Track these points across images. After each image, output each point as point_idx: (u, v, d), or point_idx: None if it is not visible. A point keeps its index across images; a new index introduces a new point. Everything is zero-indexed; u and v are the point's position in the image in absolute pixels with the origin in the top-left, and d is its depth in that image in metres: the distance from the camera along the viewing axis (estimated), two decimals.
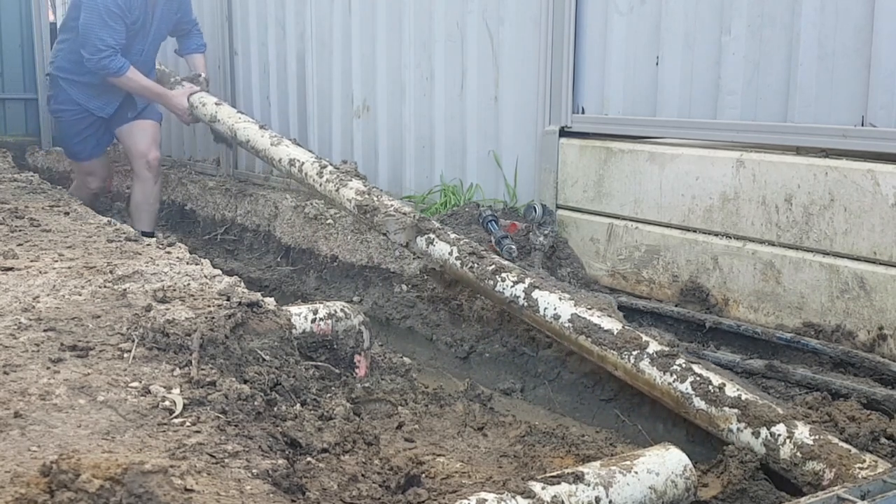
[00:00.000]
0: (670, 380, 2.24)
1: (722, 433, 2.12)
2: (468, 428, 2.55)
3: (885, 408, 2.16)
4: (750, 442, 2.05)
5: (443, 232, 3.11)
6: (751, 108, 2.75)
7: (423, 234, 3.12)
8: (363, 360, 2.67)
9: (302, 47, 4.89)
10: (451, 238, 3.06)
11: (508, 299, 2.76)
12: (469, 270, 2.92)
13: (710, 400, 2.15)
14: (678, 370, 2.24)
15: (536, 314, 2.66)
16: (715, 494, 2.16)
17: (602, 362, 2.48)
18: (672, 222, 2.94)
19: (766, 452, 2.00)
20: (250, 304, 2.35)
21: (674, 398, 2.24)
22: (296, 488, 1.65)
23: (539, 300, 2.65)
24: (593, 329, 2.48)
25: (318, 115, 4.85)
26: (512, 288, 2.75)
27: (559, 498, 1.65)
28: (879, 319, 2.36)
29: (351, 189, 3.39)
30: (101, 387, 1.83)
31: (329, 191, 3.53)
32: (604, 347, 2.43)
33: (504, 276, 2.80)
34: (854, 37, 2.46)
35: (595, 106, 3.28)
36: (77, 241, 3.32)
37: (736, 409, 2.09)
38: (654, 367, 2.29)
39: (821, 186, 2.49)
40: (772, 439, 1.99)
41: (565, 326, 2.56)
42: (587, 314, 2.53)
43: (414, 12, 4.07)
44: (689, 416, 2.22)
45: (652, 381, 2.30)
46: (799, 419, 2.02)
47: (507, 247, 3.20)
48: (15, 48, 8.28)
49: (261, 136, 4.07)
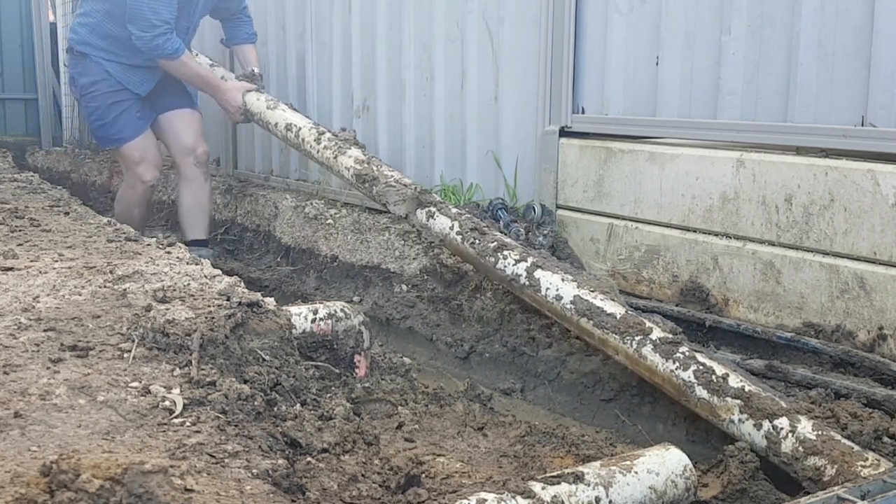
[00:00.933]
0: (672, 367, 2.23)
1: (723, 424, 2.12)
2: (468, 428, 2.55)
3: (886, 408, 2.16)
4: (751, 434, 2.04)
5: (444, 206, 3.07)
6: (751, 108, 2.75)
7: (424, 206, 3.08)
8: (363, 360, 2.67)
9: (302, 47, 4.89)
10: (453, 213, 3.02)
11: (509, 277, 2.74)
12: (470, 246, 2.88)
13: (712, 389, 2.14)
14: (681, 358, 2.23)
15: (538, 294, 2.64)
16: (715, 494, 2.16)
17: (603, 346, 2.47)
18: (672, 222, 2.94)
19: (766, 445, 2.00)
20: (250, 304, 2.35)
21: (675, 386, 2.23)
22: (296, 488, 1.65)
23: (541, 280, 2.64)
24: (595, 312, 2.47)
25: (318, 114, 4.85)
26: (514, 266, 2.73)
27: (559, 498, 1.65)
28: (879, 319, 2.36)
29: (350, 157, 3.36)
30: (101, 387, 1.83)
31: (326, 158, 3.47)
32: (605, 331, 2.42)
33: (506, 254, 2.77)
34: (854, 37, 2.46)
35: (595, 106, 3.28)
36: (77, 241, 3.32)
37: (738, 400, 2.08)
38: (656, 354, 2.28)
39: (821, 186, 2.49)
40: (774, 432, 1.98)
41: (567, 308, 2.54)
42: (590, 297, 2.51)
43: (414, 12, 4.07)
44: (689, 404, 2.21)
45: (654, 367, 2.29)
46: (802, 413, 2.02)
47: (514, 229, 3.22)
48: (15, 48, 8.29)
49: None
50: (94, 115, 4.27)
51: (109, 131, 4.25)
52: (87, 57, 4.18)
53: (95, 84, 4.19)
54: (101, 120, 4.26)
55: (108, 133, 4.27)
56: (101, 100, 4.21)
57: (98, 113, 4.26)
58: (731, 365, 2.30)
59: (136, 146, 4.24)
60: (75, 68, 4.29)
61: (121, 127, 4.22)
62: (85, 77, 4.21)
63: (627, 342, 2.36)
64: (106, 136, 4.31)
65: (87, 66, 4.20)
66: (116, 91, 4.18)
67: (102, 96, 4.20)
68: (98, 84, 4.18)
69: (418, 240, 3.68)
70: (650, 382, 2.36)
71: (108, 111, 4.20)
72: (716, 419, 2.14)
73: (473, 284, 3.33)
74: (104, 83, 4.18)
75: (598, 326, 2.44)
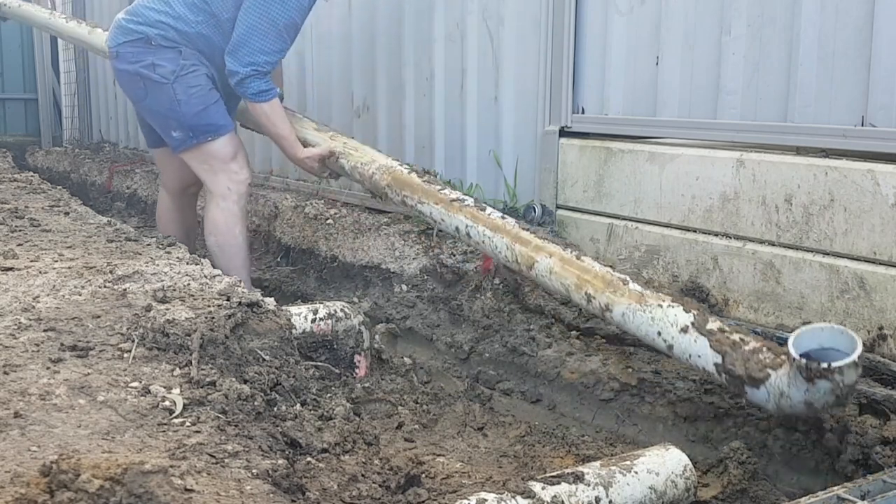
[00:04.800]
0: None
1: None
2: (468, 428, 2.55)
3: (885, 408, 2.16)
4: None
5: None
6: (751, 108, 2.75)
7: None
8: (363, 360, 2.68)
9: (301, 46, 4.89)
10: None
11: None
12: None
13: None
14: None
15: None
16: (715, 494, 2.17)
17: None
18: (672, 222, 2.94)
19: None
20: (250, 304, 2.35)
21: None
22: (296, 488, 1.65)
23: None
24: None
25: (318, 115, 4.85)
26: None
27: (559, 498, 1.65)
28: (879, 319, 2.36)
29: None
30: (101, 387, 1.83)
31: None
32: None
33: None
34: (854, 37, 2.45)
35: (595, 106, 3.28)
36: (77, 241, 3.32)
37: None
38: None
39: (821, 186, 2.49)
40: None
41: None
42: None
43: (414, 12, 4.07)
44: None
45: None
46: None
47: None
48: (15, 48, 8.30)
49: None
50: (195, 97, 3.57)
51: (212, 118, 3.60)
52: (179, 48, 3.57)
53: (194, 66, 3.57)
54: (202, 104, 3.58)
55: (209, 119, 3.59)
56: (201, 80, 3.58)
57: (201, 94, 3.58)
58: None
59: (232, 140, 3.68)
60: (155, 56, 3.55)
61: (221, 114, 3.64)
62: (174, 63, 3.54)
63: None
64: (206, 125, 3.60)
65: (177, 55, 3.56)
66: (209, 77, 3.63)
67: (203, 77, 3.59)
68: (197, 66, 3.58)
69: (418, 240, 3.68)
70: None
71: (209, 95, 3.60)
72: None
73: (473, 284, 3.33)
74: (202, 66, 3.60)
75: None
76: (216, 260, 3.63)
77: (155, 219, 4.54)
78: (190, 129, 3.60)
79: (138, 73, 3.59)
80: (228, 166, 3.65)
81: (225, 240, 3.65)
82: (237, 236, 3.68)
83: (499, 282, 3.27)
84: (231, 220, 3.65)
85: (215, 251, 3.66)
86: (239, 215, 3.67)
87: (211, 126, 3.60)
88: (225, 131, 3.64)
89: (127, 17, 3.66)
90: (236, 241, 3.68)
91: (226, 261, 3.61)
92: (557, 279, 2.48)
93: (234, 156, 3.67)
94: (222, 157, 3.64)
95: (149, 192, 6.01)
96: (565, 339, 2.93)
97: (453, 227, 2.90)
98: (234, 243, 3.67)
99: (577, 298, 2.43)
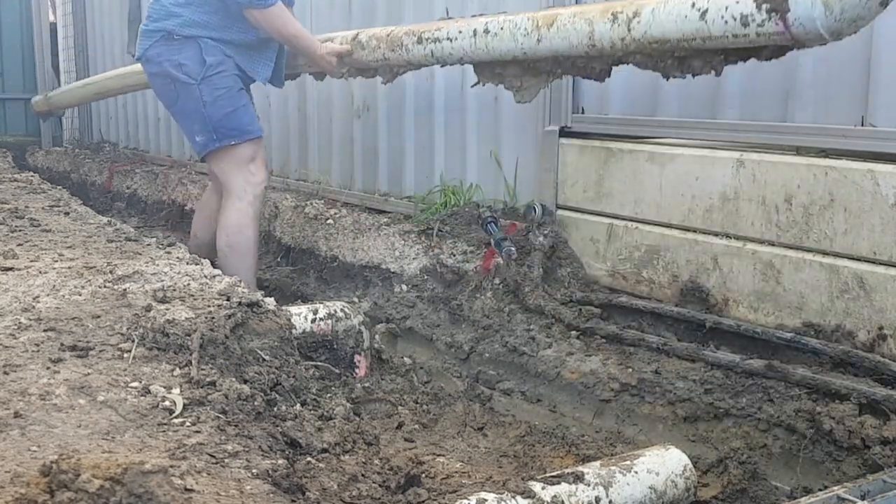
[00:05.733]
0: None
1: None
2: (468, 428, 2.55)
3: (885, 408, 2.16)
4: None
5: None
6: (751, 108, 2.75)
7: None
8: (363, 360, 2.68)
9: None
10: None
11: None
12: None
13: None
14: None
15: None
16: (715, 494, 2.17)
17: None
18: (672, 222, 2.94)
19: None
20: (250, 304, 2.35)
21: None
22: (296, 488, 1.65)
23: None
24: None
25: (318, 115, 4.85)
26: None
27: (559, 498, 1.65)
28: (879, 319, 2.36)
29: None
30: (101, 387, 1.83)
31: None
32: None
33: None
34: (854, 36, 2.45)
35: (595, 106, 3.28)
36: (77, 241, 3.32)
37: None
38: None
39: (821, 186, 2.49)
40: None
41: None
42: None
43: (414, 11, 4.07)
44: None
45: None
46: None
47: (506, 248, 3.20)
48: (15, 48, 8.30)
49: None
50: (224, 98, 3.56)
51: (242, 120, 3.61)
52: (197, 40, 3.55)
53: (222, 64, 3.56)
54: (232, 105, 3.59)
55: (239, 123, 3.60)
56: (230, 81, 3.58)
57: (229, 96, 3.57)
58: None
59: (256, 144, 3.67)
60: (180, 54, 3.55)
61: (250, 119, 3.66)
62: (199, 62, 3.54)
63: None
64: (232, 128, 3.59)
65: (199, 50, 3.54)
66: (237, 77, 3.63)
67: (232, 78, 3.59)
68: (225, 64, 3.57)
69: (418, 240, 3.68)
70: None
71: (237, 97, 3.60)
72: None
73: (473, 284, 3.33)
74: (229, 62, 3.59)
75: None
76: (225, 260, 3.60)
77: (155, 219, 4.52)
78: (214, 132, 3.58)
79: (168, 73, 3.58)
80: (247, 167, 3.63)
81: (236, 240, 3.64)
82: (249, 238, 3.66)
83: (499, 282, 3.27)
84: (244, 220, 3.64)
85: (225, 251, 3.65)
86: (252, 216, 3.65)
87: (236, 130, 3.59)
88: (250, 136, 3.63)
89: (146, 22, 3.69)
90: (247, 243, 3.66)
91: (235, 261, 3.59)
92: (581, 17, 2.59)
93: (254, 157, 3.65)
94: (242, 159, 3.63)
95: (149, 192, 6.02)
96: (565, 339, 2.93)
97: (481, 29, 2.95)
98: (245, 245, 3.65)
99: (601, 30, 2.51)
